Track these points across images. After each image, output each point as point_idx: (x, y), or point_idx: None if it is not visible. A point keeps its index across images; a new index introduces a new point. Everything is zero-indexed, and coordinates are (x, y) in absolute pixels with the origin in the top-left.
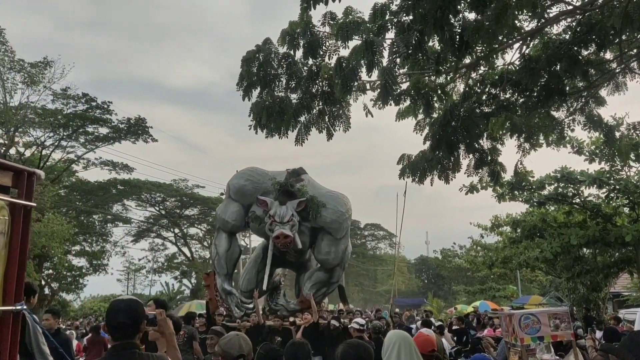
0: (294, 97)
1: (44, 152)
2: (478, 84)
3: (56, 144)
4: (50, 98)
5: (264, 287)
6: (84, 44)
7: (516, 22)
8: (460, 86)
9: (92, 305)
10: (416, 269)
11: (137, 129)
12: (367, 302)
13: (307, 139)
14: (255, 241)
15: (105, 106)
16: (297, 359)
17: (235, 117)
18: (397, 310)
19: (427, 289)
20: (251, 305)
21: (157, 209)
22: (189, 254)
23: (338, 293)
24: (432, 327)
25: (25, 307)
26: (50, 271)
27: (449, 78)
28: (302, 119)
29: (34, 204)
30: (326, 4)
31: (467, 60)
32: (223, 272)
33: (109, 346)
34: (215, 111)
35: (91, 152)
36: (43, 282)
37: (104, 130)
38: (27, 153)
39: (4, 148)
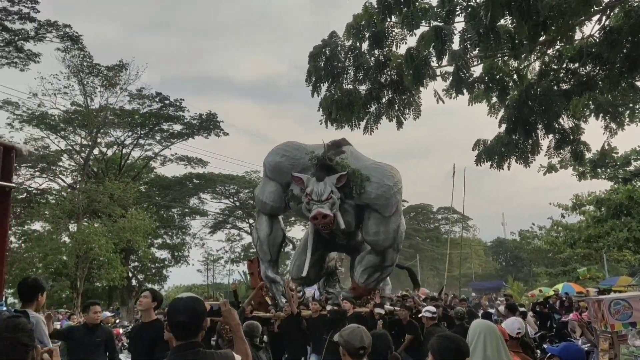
0: (362, 88)
1: (124, 150)
2: (555, 60)
3: (135, 142)
4: (127, 99)
5: (303, 273)
6: (154, 45)
7: None
8: (536, 64)
9: (175, 294)
10: (493, 252)
11: (208, 124)
12: (442, 286)
13: (377, 128)
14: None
15: (178, 104)
16: (377, 350)
17: (302, 106)
18: (462, 296)
19: (506, 272)
20: (299, 294)
21: (232, 200)
22: None
23: (409, 277)
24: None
25: (5, 308)
26: (136, 263)
27: (523, 57)
28: (372, 109)
29: (13, 185)
30: None
31: (543, 37)
32: (266, 258)
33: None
34: (282, 101)
35: (167, 149)
36: (130, 274)
37: (177, 127)
38: (109, 152)
39: (88, 149)
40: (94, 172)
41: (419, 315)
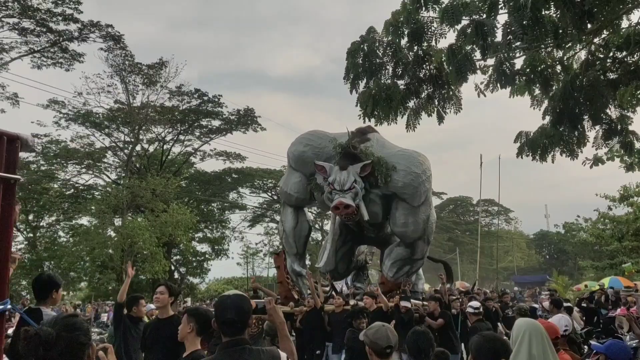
0: (401, 83)
1: (165, 147)
2: (601, 50)
3: (175, 138)
4: (167, 96)
5: (323, 265)
6: (192, 42)
7: None
8: (581, 54)
9: (216, 287)
10: (536, 245)
11: (246, 119)
12: (484, 279)
13: (418, 124)
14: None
15: (216, 100)
16: (419, 348)
17: (338, 99)
18: (507, 290)
19: (549, 265)
20: (327, 289)
21: (269, 194)
22: None
23: (444, 270)
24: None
25: (9, 305)
26: (178, 257)
27: (568, 47)
28: (411, 104)
29: (19, 177)
30: None
31: (589, 27)
32: (292, 251)
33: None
34: (318, 95)
35: (206, 144)
36: (172, 268)
37: (216, 123)
38: (151, 149)
39: (130, 145)
40: (137, 168)
41: (453, 310)
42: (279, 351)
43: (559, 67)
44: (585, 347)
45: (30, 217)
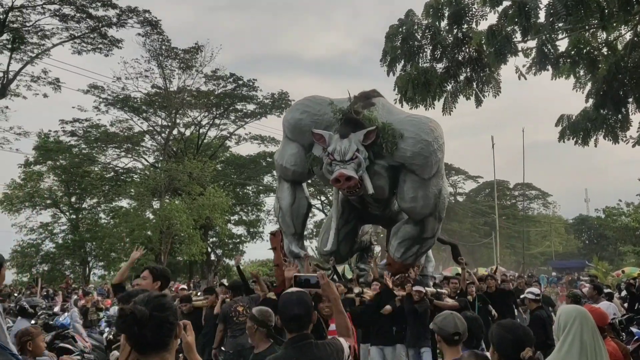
0: (439, 66)
1: (201, 130)
2: None
3: (211, 122)
4: (202, 80)
5: (328, 247)
6: (227, 26)
7: None
8: (627, 35)
9: (251, 269)
10: (575, 229)
11: (280, 103)
12: (520, 264)
13: (454, 108)
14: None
15: (251, 84)
16: (472, 333)
17: (373, 82)
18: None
19: (589, 251)
20: (329, 272)
21: None
22: None
23: (452, 253)
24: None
25: None
26: (214, 239)
27: (613, 28)
28: (449, 87)
29: None
30: None
31: (635, 7)
32: (290, 231)
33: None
34: (352, 78)
35: (241, 128)
36: (209, 249)
37: (251, 107)
38: (187, 133)
39: (168, 129)
40: (174, 151)
41: (468, 297)
42: (341, 342)
43: (605, 50)
44: (624, 334)
45: (73, 199)
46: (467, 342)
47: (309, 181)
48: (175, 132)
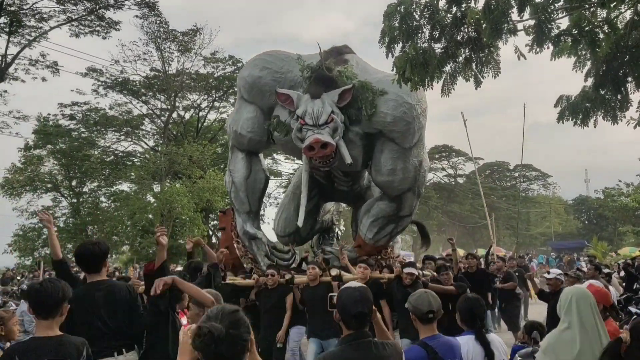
0: (437, 46)
1: (200, 114)
2: None
3: (210, 105)
4: (201, 63)
5: (299, 223)
6: (226, 8)
7: None
8: (627, 14)
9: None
10: (574, 210)
11: None
12: (520, 245)
13: (453, 89)
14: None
15: None
16: (473, 315)
17: (373, 63)
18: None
19: (588, 231)
20: (288, 256)
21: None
22: None
23: (418, 232)
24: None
25: None
26: (216, 222)
27: (613, 6)
28: (447, 68)
29: None
30: None
31: None
32: (244, 208)
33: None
34: None
35: None
36: (210, 233)
37: None
38: (187, 116)
39: (167, 112)
40: (174, 134)
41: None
42: (399, 345)
43: (606, 27)
44: (622, 313)
45: (73, 183)
46: (470, 323)
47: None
48: (174, 115)
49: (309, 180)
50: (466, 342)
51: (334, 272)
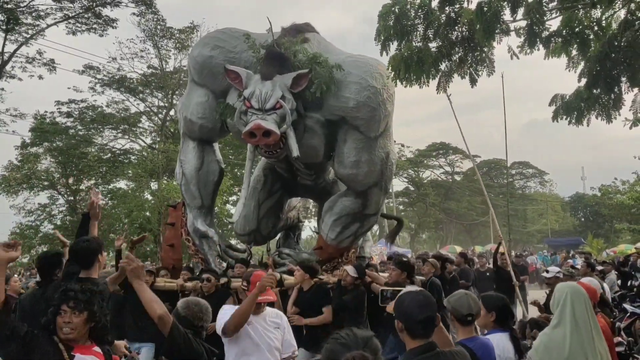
0: (432, 46)
1: None
2: None
3: None
4: None
5: (236, 220)
6: (223, 5)
7: None
8: (621, 13)
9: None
10: (571, 207)
11: None
12: (517, 242)
13: (448, 87)
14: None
15: None
16: (507, 314)
17: None
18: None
19: (585, 228)
20: (243, 256)
21: None
22: None
23: (394, 229)
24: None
25: None
26: (213, 220)
27: (605, 7)
28: (442, 66)
29: None
30: None
31: None
32: (195, 203)
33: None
34: None
35: None
36: None
37: None
38: None
39: (164, 110)
40: (171, 132)
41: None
42: (465, 352)
43: (596, 28)
44: (616, 310)
45: (70, 180)
46: (505, 322)
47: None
48: (172, 112)
49: (268, 174)
50: (499, 341)
51: (277, 274)
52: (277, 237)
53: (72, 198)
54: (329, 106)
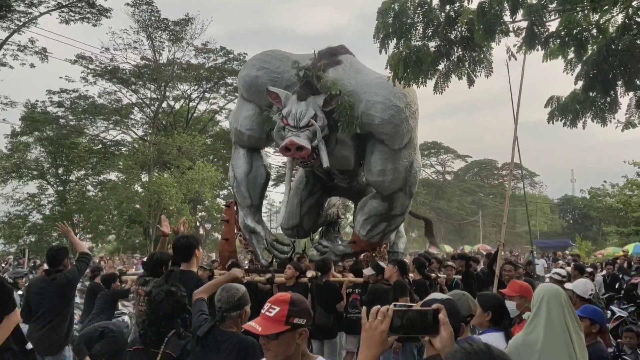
0: (431, 45)
1: (190, 104)
2: (639, 13)
3: (201, 96)
4: (192, 53)
5: (281, 218)
6: None
7: None
8: (618, 17)
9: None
10: (560, 209)
11: None
12: (506, 243)
13: (447, 87)
14: None
15: (242, 58)
16: (503, 314)
17: (366, 58)
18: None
19: (573, 230)
20: (287, 249)
21: None
22: None
23: (425, 229)
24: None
25: None
26: (203, 213)
27: (604, 10)
28: (441, 66)
29: None
30: None
31: None
32: (245, 203)
33: None
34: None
35: (231, 103)
36: (197, 224)
37: None
38: (177, 106)
39: (157, 102)
40: (163, 124)
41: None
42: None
43: (594, 31)
44: (609, 312)
45: (60, 171)
46: (500, 321)
47: None
48: (164, 105)
49: (309, 176)
50: (495, 341)
51: (310, 274)
52: (318, 231)
53: (61, 188)
54: (358, 123)
